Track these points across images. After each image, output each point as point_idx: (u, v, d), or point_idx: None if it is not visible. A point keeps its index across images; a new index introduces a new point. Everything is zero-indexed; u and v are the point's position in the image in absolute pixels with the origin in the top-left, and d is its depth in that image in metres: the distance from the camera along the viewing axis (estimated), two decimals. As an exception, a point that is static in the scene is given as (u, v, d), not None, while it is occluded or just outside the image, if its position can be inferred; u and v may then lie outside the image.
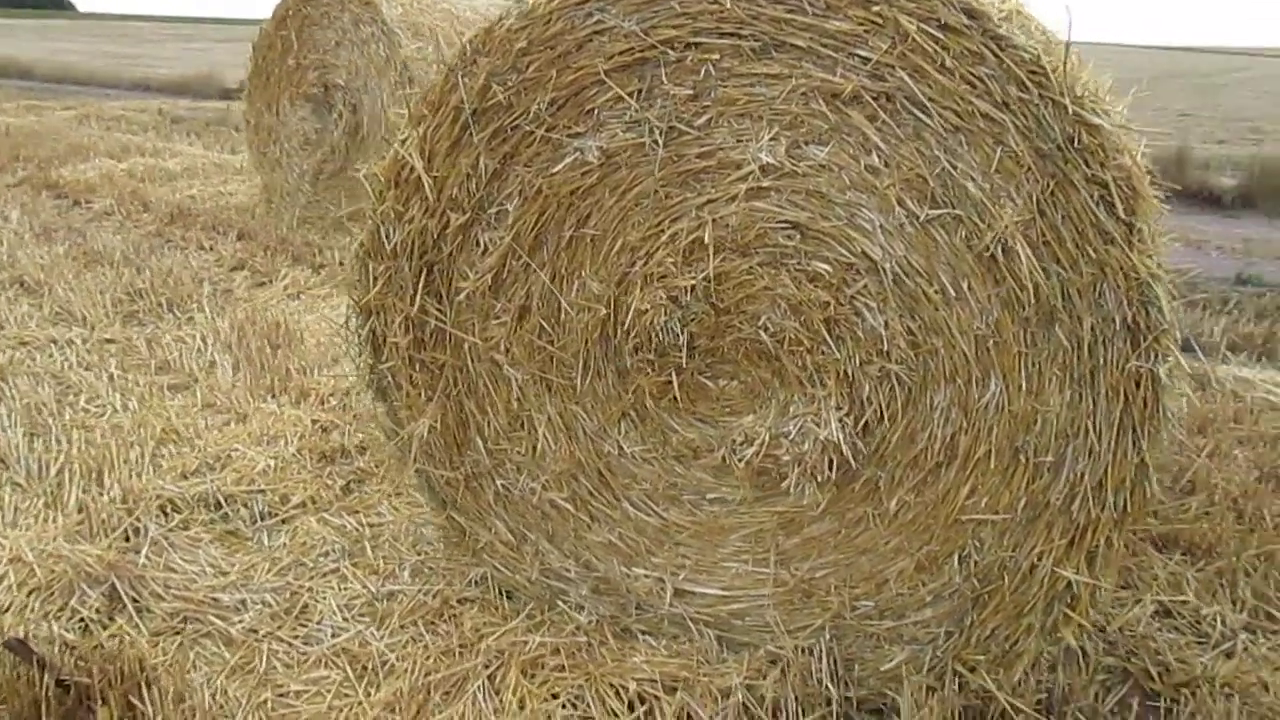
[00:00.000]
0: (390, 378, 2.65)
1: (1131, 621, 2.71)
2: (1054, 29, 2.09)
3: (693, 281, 2.22)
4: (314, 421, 3.70)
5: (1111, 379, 2.03)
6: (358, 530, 3.09)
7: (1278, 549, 2.96)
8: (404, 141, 2.43)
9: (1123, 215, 1.94)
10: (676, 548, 2.51)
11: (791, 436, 2.25)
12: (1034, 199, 1.99)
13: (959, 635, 2.30)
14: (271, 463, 3.42)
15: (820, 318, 2.16)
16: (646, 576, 2.54)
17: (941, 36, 1.96)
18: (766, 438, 2.27)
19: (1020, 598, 2.23)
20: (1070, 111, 1.92)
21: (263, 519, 3.16)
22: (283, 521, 3.15)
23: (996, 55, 1.95)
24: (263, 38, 6.97)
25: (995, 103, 1.97)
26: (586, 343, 2.41)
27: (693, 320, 2.26)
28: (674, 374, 2.31)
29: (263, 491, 3.27)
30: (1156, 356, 1.99)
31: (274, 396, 4.09)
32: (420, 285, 2.51)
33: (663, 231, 2.26)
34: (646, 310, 2.26)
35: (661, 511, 2.49)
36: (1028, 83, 1.94)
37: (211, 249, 6.49)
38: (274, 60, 6.94)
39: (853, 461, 2.22)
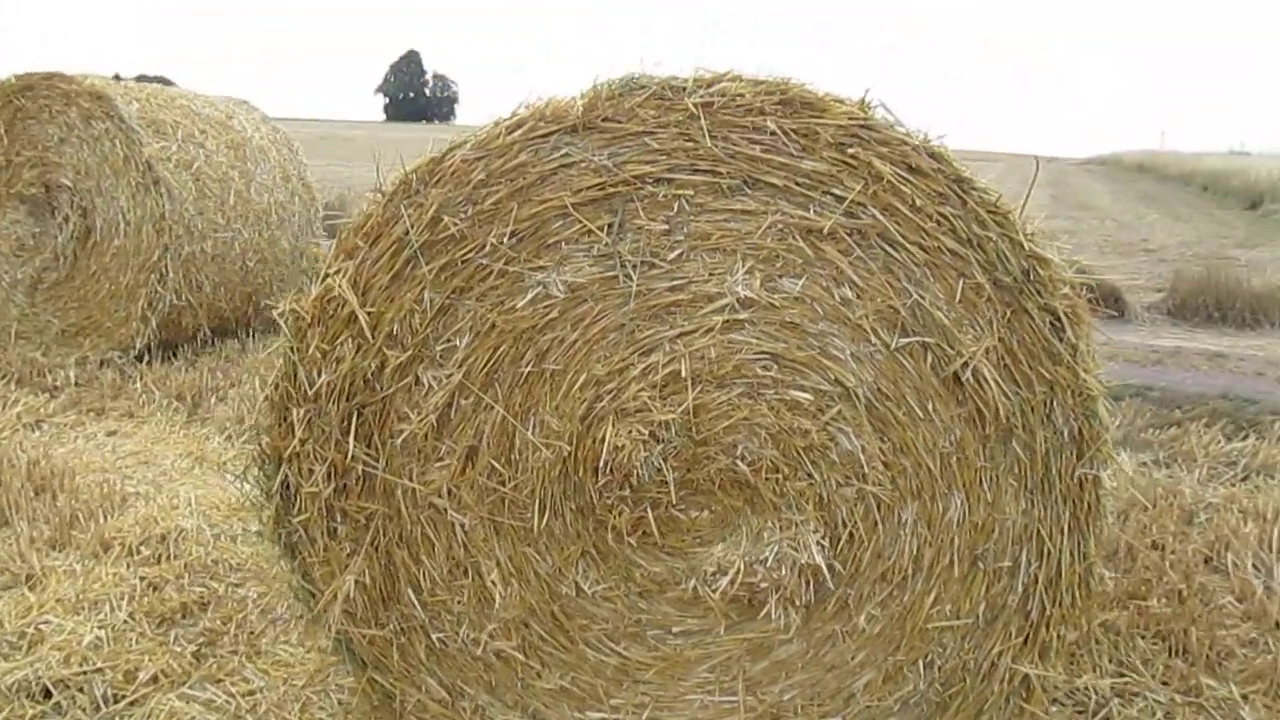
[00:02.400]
0: (303, 532, 2.39)
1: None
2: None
3: (671, 415, 2.19)
4: (142, 578, 3.23)
5: (1062, 486, 2.22)
6: (230, 703, 2.72)
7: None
8: (334, 274, 2.23)
9: (1070, 338, 2.15)
10: (636, 686, 2.42)
11: (769, 563, 2.25)
12: (994, 326, 2.15)
13: (924, 740, 2.38)
14: (100, 634, 2.93)
15: (801, 445, 2.21)
16: (603, 720, 2.43)
17: (911, 178, 2.10)
18: (741, 566, 2.27)
19: (981, 696, 2.35)
20: (1026, 248, 2.12)
21: (107, 704, 2.70)
22: (133, 704, 2.71)
23: (960, 196, 2.11)
24: (-40, 130, 6.12)
25: (960, 239, 2.12)
26: (544, 481, 2.30)
27: (673, 454, 2.22)
28: (649, 509, 2.26)
29: (100, 670, 2.80)
30: (1099, 463, 2.21)
31: (59, 550, 3.53)
32: (348, 430, 2.29)
33: (633, 365, 2.22)
34: (623, 446, 2.20)
35: (622, 650, 2.40)
36: (989, 221, 2.12)
37: (-97, 373, 5.55)
38: (-25, 156, 6.11)
39: (830, 583, 2.26)
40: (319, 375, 2.27)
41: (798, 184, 2.13)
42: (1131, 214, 20.00)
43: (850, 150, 2.10)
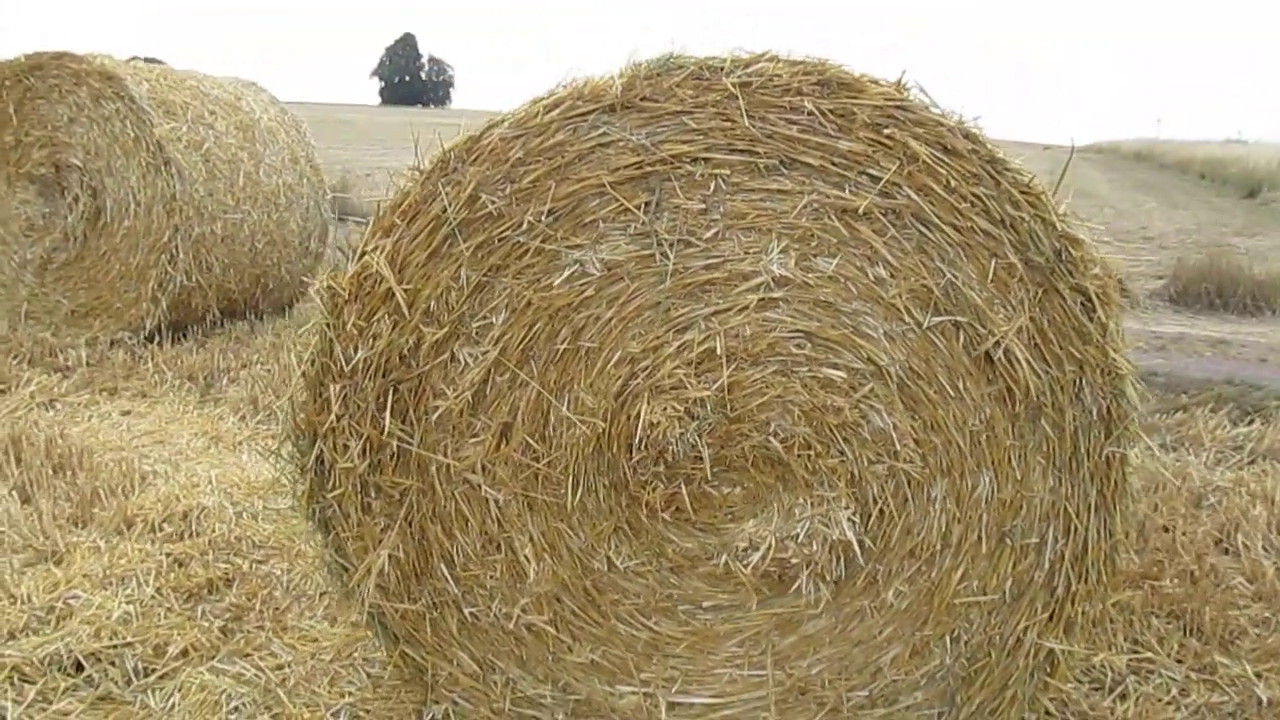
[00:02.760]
0: (337, 507, 2.41)
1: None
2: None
3: (706, 392, 2.22)
4: (167, 554, 3.26)
5: (1090, 464, 2.25)
6: (259, 677, 2.75)
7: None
8: (372, 252, 2.25)
9: (1101, 318, 2.18)
10: (666, 660, 2.45)
11: (800, 539, 2.29)
12: (1026, 305, 2.18)
13: (949, 713, 2.42)
14: (129, 608, 2.96)
15: (834, 422, 2.23)
16: (633, 693, 2.46)
17: (946, 159, 2.12)
18: (773, 542, 2.30)
19: (1006, 671, 2.39)
20: (1059, 229, 2.14)
21: (139, 676, 2.73)
22: (163, 678, 2.74)
23: (994, 177, 2.14)
24: (-32, 110, 6.11)
25: (993, 220, 2.15)
26: (578, 457, 2.33)
27: (708, 431, 2.25)
28: (683, 485, 2.29)
29: (130, 644, 2.82)
30: (1126, 442, 2.24)
31: (82, 527, 3.55)
32: (384, 406, 2.32)
33: (668, 343, 2.24)
34: (659, 423, 2.23)
35: (652, 624, 2.43)
36: (1021, 202, 2.14)
37: (-86, 353, 5.55)
38: (-16, 136, 6.10)
39: (860, 559, 2.30)
40: (355, 351, 2.29)
41: (834, 164, 2.15)
42: (1130, 202, 20.04)
43: (886, 131, 2.12)
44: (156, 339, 5.89)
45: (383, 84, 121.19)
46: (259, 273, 6.45)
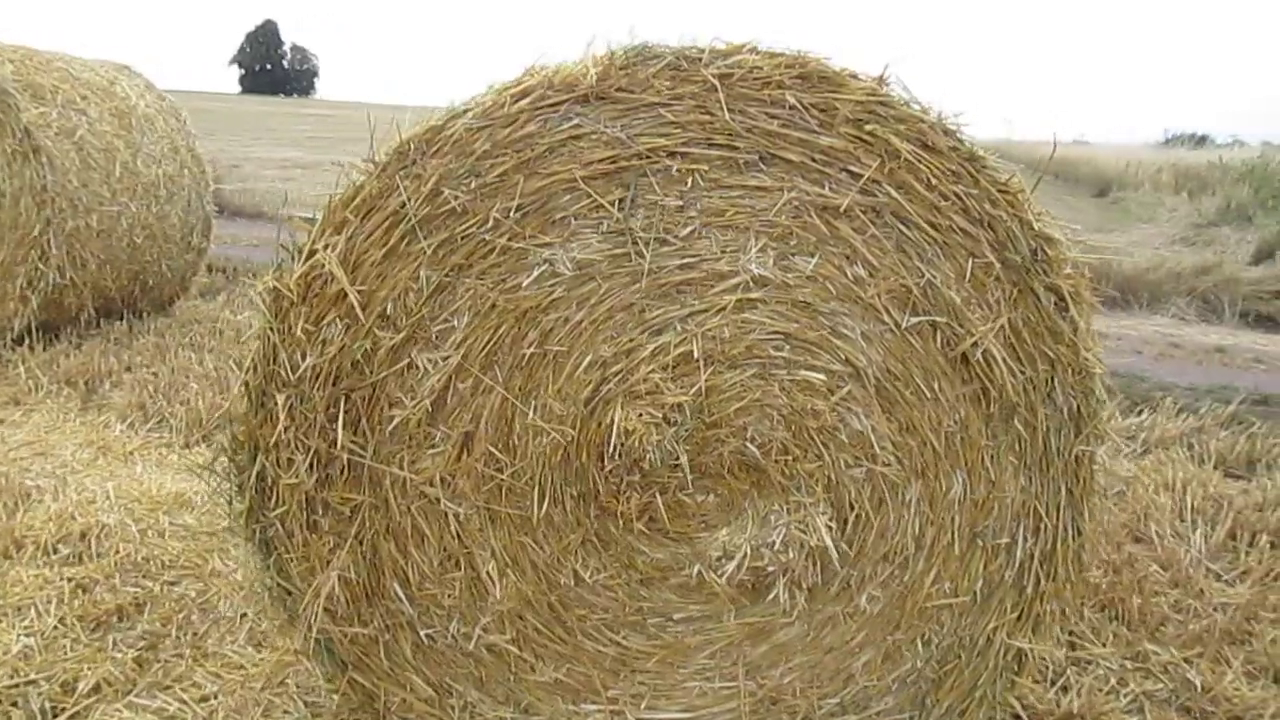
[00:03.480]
0: (280, 526, 2.23)
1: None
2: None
3: (684, 397, 2.13)
4: (68, 579, 2.97)
5: (1060, 463, 2.26)
6: (183, 711, 2.53)
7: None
8: (322, 250, 2.08)
9: (1073, 316, 2.18)
10: (634, 676, 2.35)
11: (776, 546, 2.22)
12: (1001, 305, 2.16)
13: (919, 716, 2.39)
14: (29, 641, 2.69)
15: (814, 426, 2.17)
16: (599, 712, 2.36)
17: (926, 156, 2.08)
18: (748, 550, 2.23)
19: (975, 672, 2.38)
20: (1035, 228, 2.13)
21: (46, 717, 2.47)
22: (74, 717, 2.49)
23: (973, 175, 2.11)
24: None
25: (971, 218, 2.12)
26: (545, 467, 2.20)
27: (685, 437, 2.16)
28: (658, 494, 2.19)
29: (33, 682, 2.56)
30: (1095, 440, 2.25)
31: (-37, 550, 3.23)
32: (334, 416, 2.15)
33: (642, 346, 2.14)
34: (634, 430, 2.12)
35: (621, 639, 2.33)
36: (1000, 200, 2.12)
37: None
38: None
39: (837, 565, 2.25)
40: (303, 358, 2.12)
41: (814, 160, 2.08)
42: (994, 199, 20.76)
43: (868, 127, 2.07)
44: (26, 341, 5.46)
45: (243, 72, 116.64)
46: (138, 269, 6.05)
